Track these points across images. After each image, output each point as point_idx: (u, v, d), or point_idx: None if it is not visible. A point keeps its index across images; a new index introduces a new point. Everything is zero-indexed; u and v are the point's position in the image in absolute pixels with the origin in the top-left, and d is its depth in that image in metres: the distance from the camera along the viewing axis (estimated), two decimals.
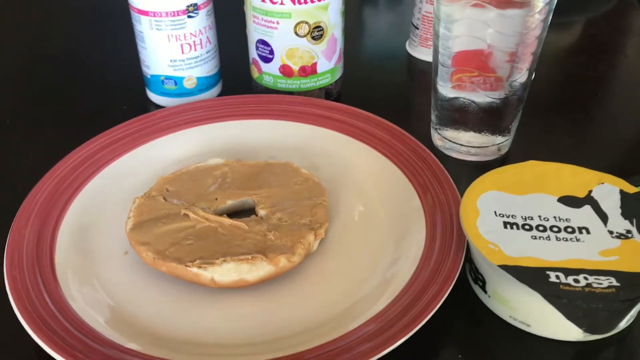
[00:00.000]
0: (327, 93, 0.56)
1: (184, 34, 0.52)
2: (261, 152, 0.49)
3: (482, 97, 0.47)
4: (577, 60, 0.66)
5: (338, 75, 0.57)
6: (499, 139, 0.50)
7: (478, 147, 0.50)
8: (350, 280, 0.39)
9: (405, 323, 0.33)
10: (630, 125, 0.55)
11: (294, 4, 0.50)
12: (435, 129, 0.51)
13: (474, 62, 0.46)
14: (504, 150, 0.51)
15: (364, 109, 0.52)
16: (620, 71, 0.64)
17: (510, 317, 0.37)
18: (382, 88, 0.61)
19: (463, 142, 0.50)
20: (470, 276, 0.39)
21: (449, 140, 0.50)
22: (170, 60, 0.54)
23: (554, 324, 0.35)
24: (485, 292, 0.37)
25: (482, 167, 0.50)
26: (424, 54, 0.64)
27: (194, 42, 0.53)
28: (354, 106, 0.52)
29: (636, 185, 0.45)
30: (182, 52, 0.53)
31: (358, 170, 0.47)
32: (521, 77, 0.46)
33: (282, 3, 0.50)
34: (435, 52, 0.48)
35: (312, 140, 0.50)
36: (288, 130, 0.51)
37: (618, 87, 0.61)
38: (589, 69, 0.64)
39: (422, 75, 0.63)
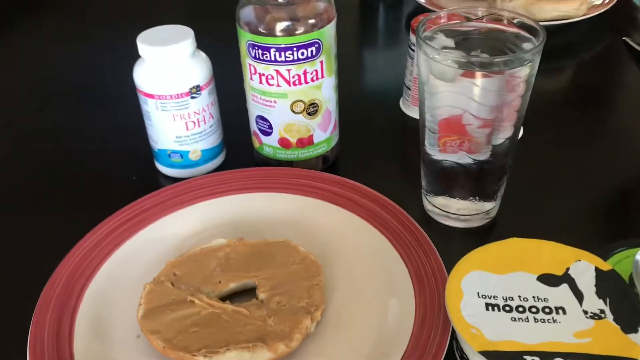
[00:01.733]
0: (324, 159, 0.60)
1: (188, 113, 0.56)
2: (262, 226, 0.53)
3: (467, 162, 0.49)
4: (565, 116, 0.68)
5: (334, 142, 0.60)
6: (487, 206, 0.53)
7: (467, 215, 0.53)
8: None
9: None
10: (614, 189, 0.57)
11: (289, 85, 0.53)
12: (426, 196, 0.54)
13: (457, 128, 0.48)
14: (492, 214, 0.54)
15: (360, 171, 0.56)
16: (609, 128, 0.67)
17: None
18: (378, 148, 0.64)
19: (453, 211, 0.53)
20: (457, 353, 0.42)
21: (439, 209, 0.53)
22: (176, 137, 0.57)
23: None
24: None
25: (471, 232, 0.53)
26: (416, 113, 0.67)
27: (198, 119, 0.57)
28: (351, 170, 0.57)
29: (609, 254, 0.48)
30: (187, 129, 0.57)
31: (354, 244, 0.50)
32: (503, 142, 0.48)
33: (278, 85, 0.53)
34: (422, 119, 0.50)
35: (308, 212, 0.53)
36: (286, 203, 0.54)
37: (607, 144, 0.64)
38: (578, 124, 0.66)
39: (415, 133, 0.66)
